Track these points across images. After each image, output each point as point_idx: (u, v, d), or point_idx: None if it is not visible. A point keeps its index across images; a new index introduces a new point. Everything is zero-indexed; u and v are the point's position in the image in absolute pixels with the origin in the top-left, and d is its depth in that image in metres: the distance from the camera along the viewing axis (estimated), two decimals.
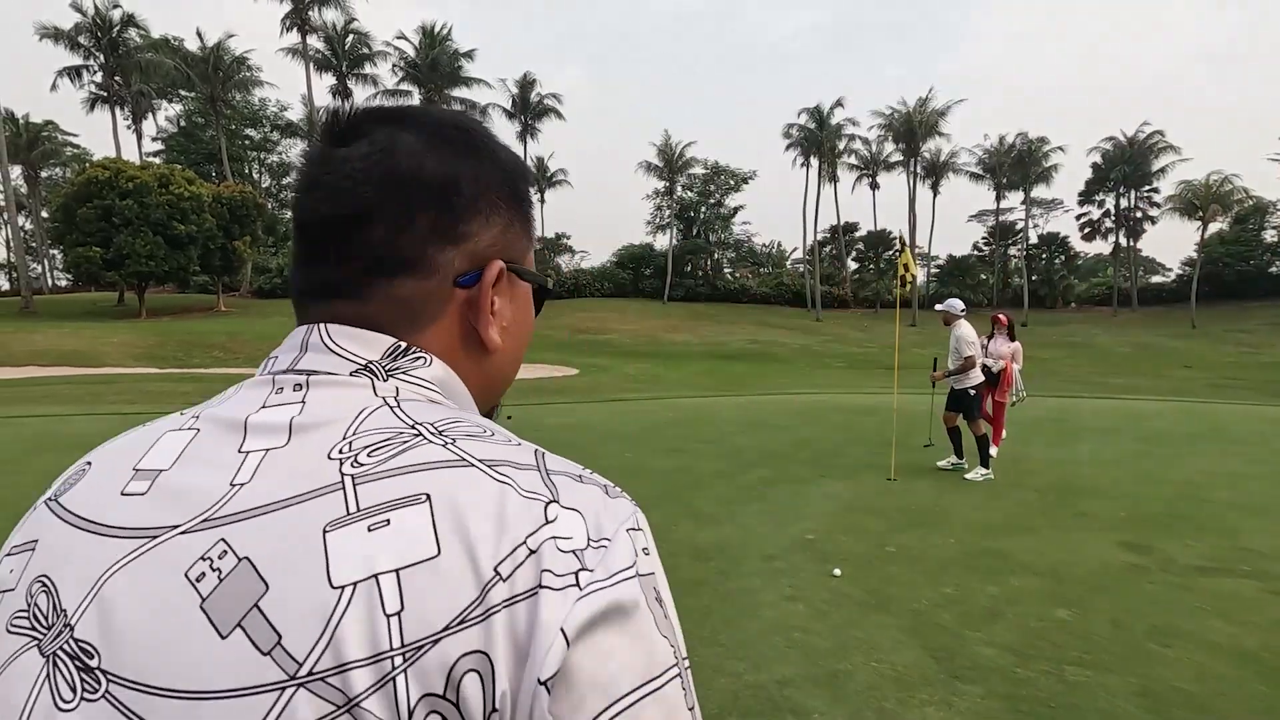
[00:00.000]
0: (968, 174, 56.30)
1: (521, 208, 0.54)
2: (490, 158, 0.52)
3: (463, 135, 0.52)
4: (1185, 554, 4.26)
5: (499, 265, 0.50)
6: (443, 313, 0.49)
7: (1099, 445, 8.34)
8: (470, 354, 0.51)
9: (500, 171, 0.53)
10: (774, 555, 4.22)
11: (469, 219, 0.50)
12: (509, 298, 0.53)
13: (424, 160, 0.48)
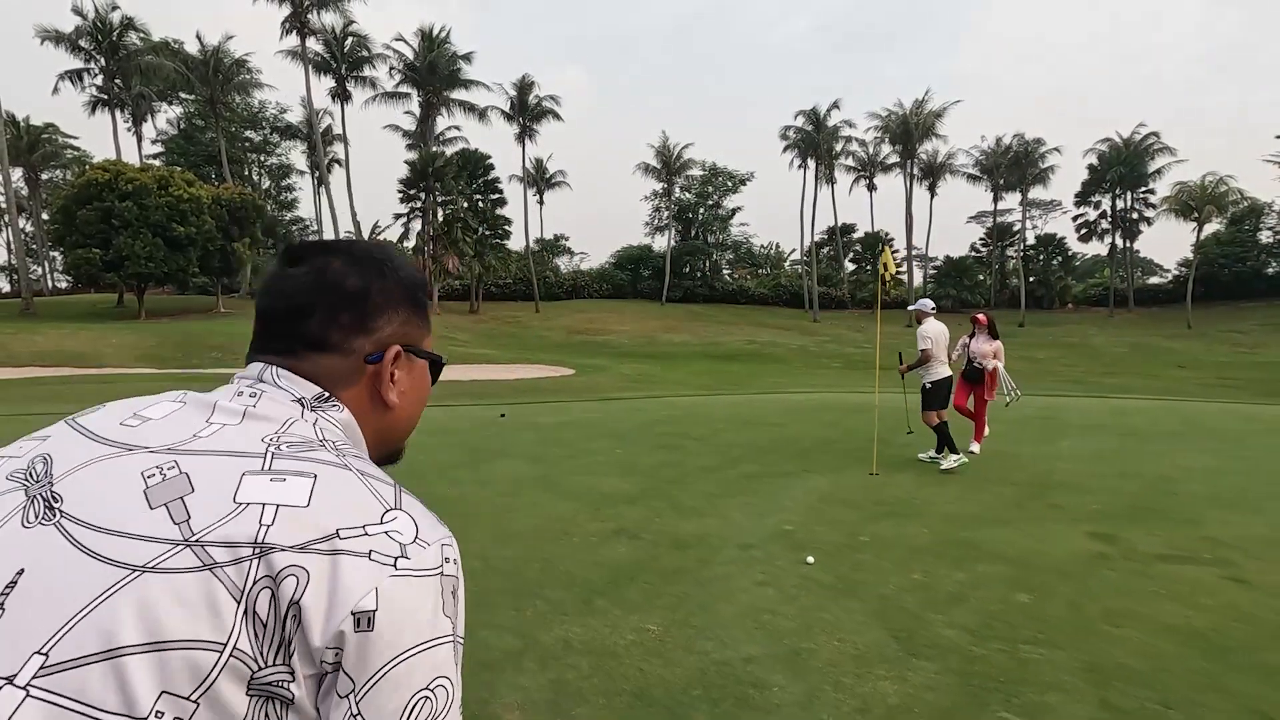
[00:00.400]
0: (965, 175, 56.57)
1: (419, 310, 0.79)
2: (395, 277, 0.76)
3: (378, 261, 0.75)
4: (1149, 543, 4.40)
5: (397, 349, 0.74)
6: (356, 380, 0.72)
7: (1081, 442, 8.48)
8: (375, 410, 0.74)
9: (403, 287, 0.77)
10: (751, 545, 4.36)
11: (377, 318, 0.73)
12: (406, 371, 0.76)
13: (347, 278, 0.72)
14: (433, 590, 0.57)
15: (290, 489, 0.57)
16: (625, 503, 5.36)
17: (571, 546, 4.32)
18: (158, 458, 0.58)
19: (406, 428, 0.80)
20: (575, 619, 3.26)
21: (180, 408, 0.65)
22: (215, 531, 0.53)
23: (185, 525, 0.53)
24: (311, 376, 0.70)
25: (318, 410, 0.69)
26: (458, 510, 5.04)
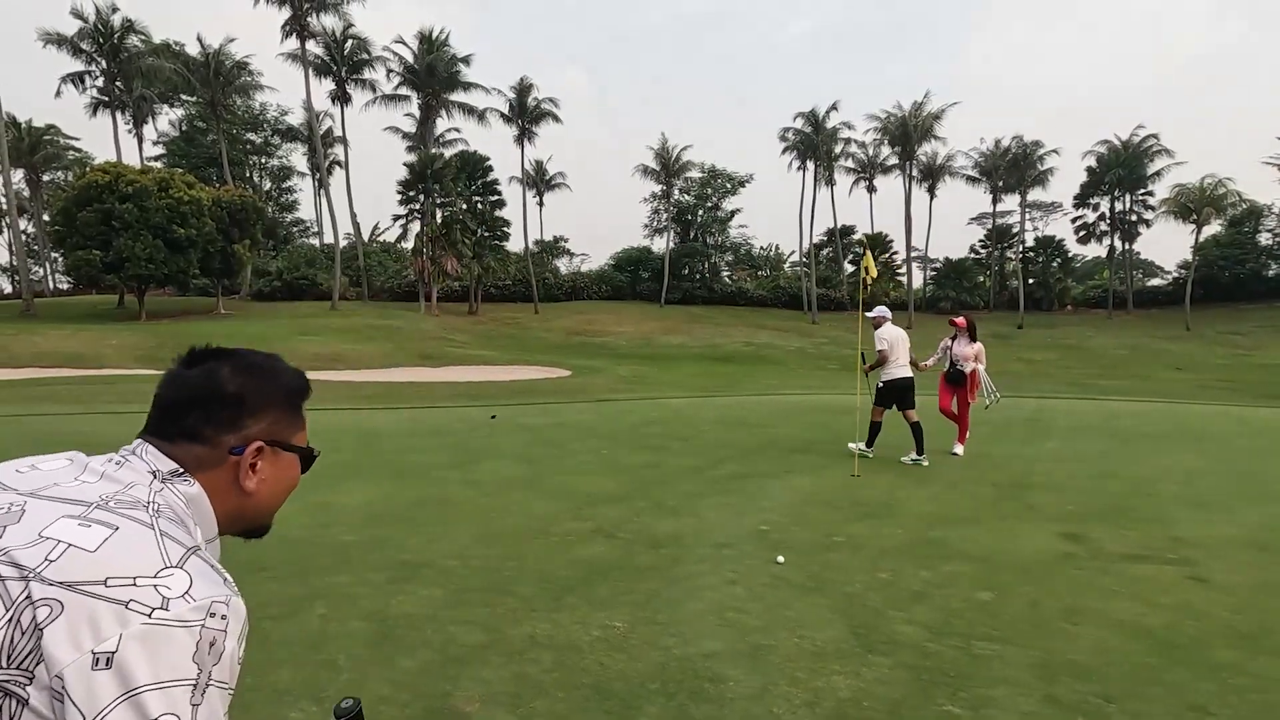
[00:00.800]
0: (964, 177, 56.56)
1: (293, 411, 0.95)
2: (273, 384, 0.93)
3: (261, 370, 0.92)
4: (1118, 543, 4.47)
5: (259, 444, 0.89)
6: (220, 466, 0.87)
7: (1066, 444, 8.55)
8: (235, 492, 0.88)
9: (282, 390, 0.93)
10: (725, 544, 4.43)
11: (247, 418, 0.88)
12: (271, 463, 0.91)
13: (228, 384, 0.88)
14: (187, 640, 0.67)
15: (88, 535, 0.69)
16: (606, 502, 5.44)
17: (549, 545, 4.40)
18: (18, 497, 0.74)
19: (267, 508, 0.95)
20: (544, 615, 3.34)
21: (65, 465, 0.81)
22: (13, 553, 0.66)
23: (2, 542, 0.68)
24: (177, 459, 0.85)
25: (166, 482, 0.82)
26: (442, 511, 5.13)
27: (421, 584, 3.69)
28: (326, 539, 4.41)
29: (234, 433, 0.88)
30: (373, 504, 5.28)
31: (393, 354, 24.75)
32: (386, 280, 48.88)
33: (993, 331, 46.88)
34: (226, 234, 32.70)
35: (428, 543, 4.38)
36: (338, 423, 9.60)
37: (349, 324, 31.51)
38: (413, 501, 5.35)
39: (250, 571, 3.82)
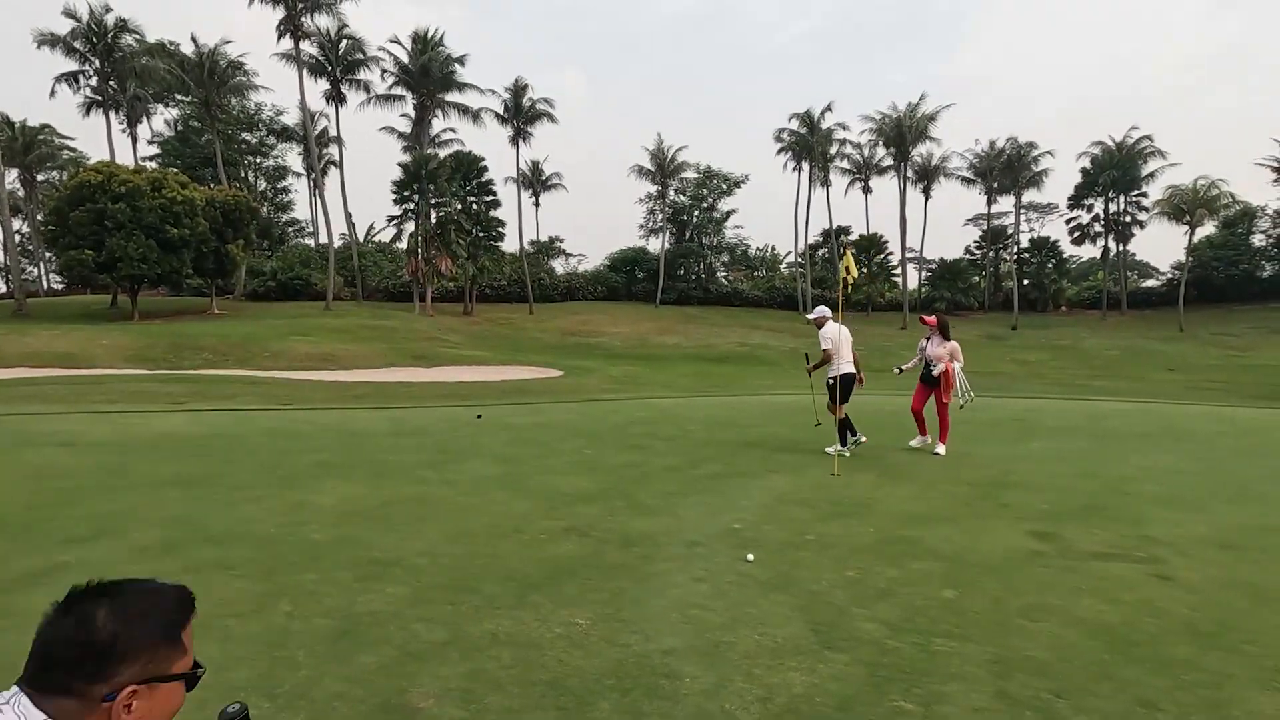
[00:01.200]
0: (959, 178, 56.71)
1: (171, 642, 0.96)
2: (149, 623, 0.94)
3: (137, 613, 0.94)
4: (1088, 541, 4.49)
5: (130, 688, 0.91)
6: (93, 713, 0.90)
7: (1049, 443, 8.58)
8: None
9: (159, 630, 0.95)
10: (697, 542, 4.44)
11: (118, 665, 0.91)
12: (148, 698, 0.93)
13: (101, 631, 0.90)
14: None
15: None
16: (583, 501, 5.44)
17: (520, 543, 4.40)
18: None
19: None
20: (507, 613, 3.34)
21: None
22: None
23: None
24: (48, 712, 0.89)
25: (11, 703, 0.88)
26: (416, 509, 5.13)
27: (388, 582, 3.69)
28: (297, 537, 4.40)
29: (104, 682, 0.91)
30: (347, 502, 5.28)
31: (386, 354, 24.73)
32: (382, 280, 48.83)
33: (987, 333, 47.03)
34: (220, 234, 32.64)
35: (399, 541, 4.38)
36: (322, 421, 9.59)
37: (342, 324, 31.46)
38: (388, 500, 5.35)
39: (217, 570, 3.83)
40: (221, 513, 4.90)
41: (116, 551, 4.15)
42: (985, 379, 28.18)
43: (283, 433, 8.47)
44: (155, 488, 5.56)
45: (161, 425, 8.79)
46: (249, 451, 7.16)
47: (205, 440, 7.79)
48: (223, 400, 12.20)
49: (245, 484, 5.75)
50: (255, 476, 6.04)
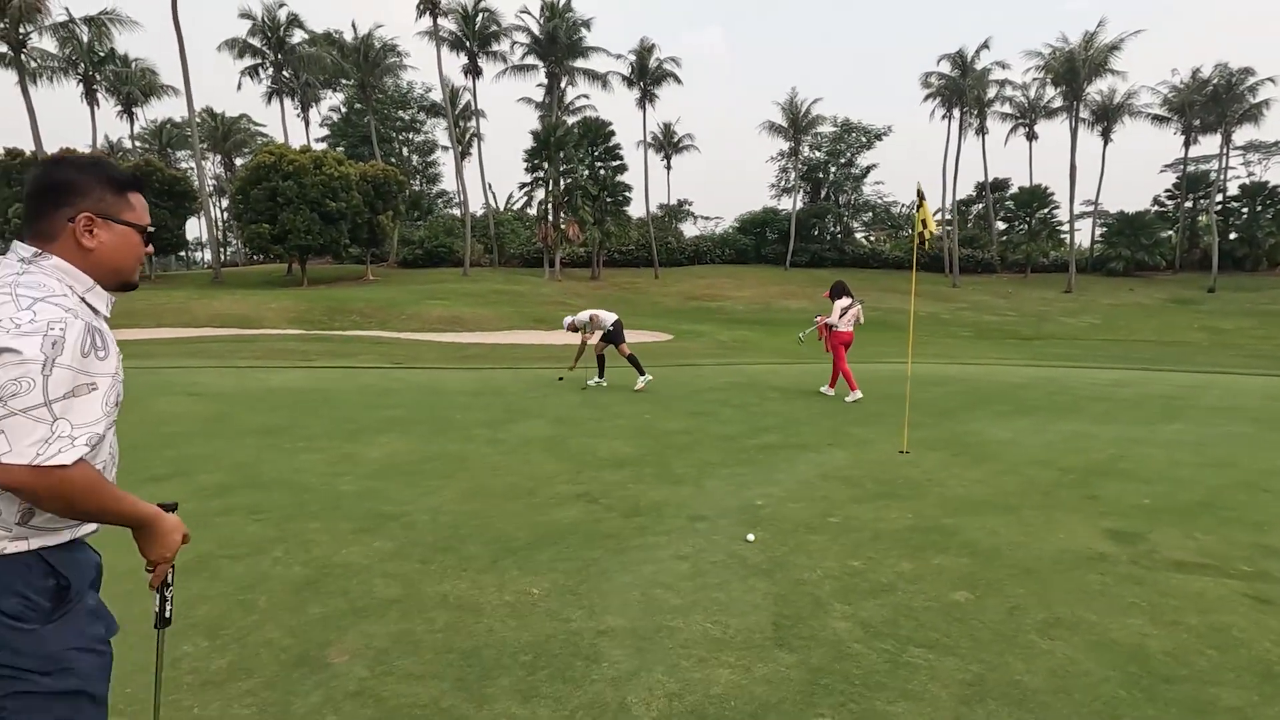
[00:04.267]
0: (1148, 116, 48.94)
1: (119, 193, 1.35)
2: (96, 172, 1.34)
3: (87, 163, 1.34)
4: (1179, 547, 3.70)
5: (86, 214, 1.30)
6: (61, 235, 1.29)
7: (1194, 427, 7.23)
8: (80, 252, 1.30)
9: (105, 178, 1.34)
10: (704, 517, 4.19)
11: (74, 196, 1.30)
12: (106, 230, 1.32)
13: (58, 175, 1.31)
14: (35, 338, 1.14)
15: None
16: (613, 467, 5.33)
17: (527, 506, 4.39)
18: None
19: (115, 264, 1.35)
20: (471, 575, 3.32)
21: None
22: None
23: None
24: (33, 243, 1.29)
25: (29, 263, 1.27)
26: (449, 466, 5.27)
27: (379, 536, 3.81)
28: (329, 488, 4.68)
29: (69, 206, 1.30)
30: (392, 456, 5.54)
31: (510, 317, 25.93)
32: (518, 247, 51.10)
33: (1174, 296, 40.82)
34: (372, 206, 35.59)
35: (415, 496, 4.52)
36: (415, 380, 10.20)
37: (476, 289, 33.37)
38: (429, 456, 5.55)
39: (245, 514, 4.15)
40: (279, 461, 5.33)
41: (180, 491, 4.62)
42: (1157, 350, 24.49)
43: (374, 389, 9.11)
44: (240, 435, 6.17)
45: (278, 379, 9.78)
46: (335, 406, 7.76)
47: (304, 394, 8.55)
48: (346, 358, 13.38)
49: (316, 435, 6.23)
50: (328, 428, 6.52)
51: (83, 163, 1.35)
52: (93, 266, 1.31)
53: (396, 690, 2.37)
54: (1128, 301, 39.94)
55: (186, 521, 1.48)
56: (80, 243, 1.29)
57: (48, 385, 1.14)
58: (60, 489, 1.15)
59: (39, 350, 1.13)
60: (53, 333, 1.16)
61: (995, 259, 52.09)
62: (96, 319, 1.26)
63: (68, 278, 1.28)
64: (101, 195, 1.33)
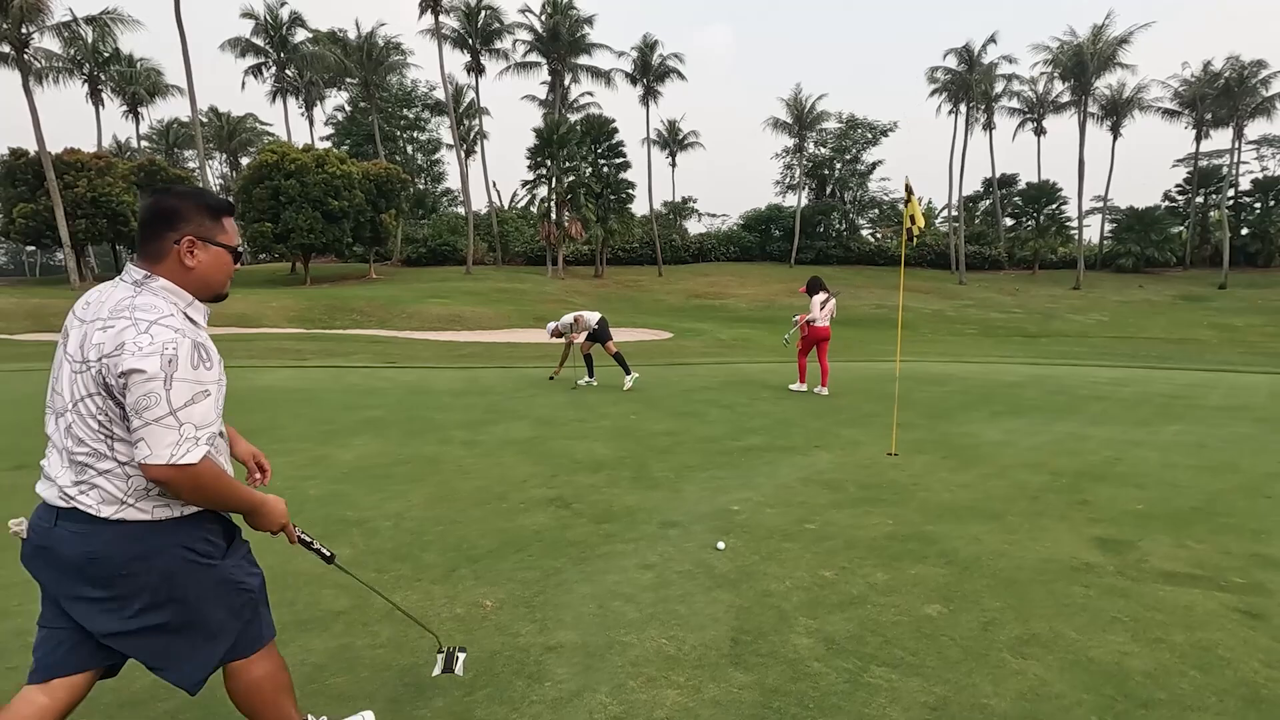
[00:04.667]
0: (1159, 111, 48.39)
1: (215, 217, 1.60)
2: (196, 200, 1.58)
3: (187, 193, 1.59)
4: (1169, 557, 3.53)
5: (188, 237, 1.54)
6: (168, 256, 1.54)
7: (1194, 427, 7.02)
8: (183, 270, 1.54)
9: (204, 205, 1.58)
10: (676, 524, 4.04)
11: (179, 221, 1.54)
12: (204, 250, 1.56)
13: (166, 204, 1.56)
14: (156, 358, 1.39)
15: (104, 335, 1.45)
16: (589, 470, 5.19)
17: (494, 512, 4.25)
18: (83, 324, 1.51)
19: (211, 280, 1.60)
20: (425, 585, 3.20)
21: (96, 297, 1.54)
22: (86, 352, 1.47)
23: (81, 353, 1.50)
24: (145, 267, 1.54)
25: (142, 285, 1.51)
26: (419, 470, 5.15)
27: (338, 543, 3.68)
28: (293, 492, 4.55)
29: (174, 230, 1.54)
30: (363, 459, 5.42)
31: (511, 316, 25.83)
32: (523, 245, 51.00)
33: (1184, 292, 40.33)
34: (374, 204, 35.55)
35: (380, 501, 4.40)
36: (403, 380, 10.09)
37: (478, 287, 33.29)
38: (400, 459, 5.43)
39: None
40: None
41: None
42: (1165, 347, 24.14)
43: (360, 389, 9.01)
44: None
45: (266, 379, 9.69)
46: (317, 406, 7.65)
47: (289, 393, 8.45)
48: (339, 358, 13.29)
49: (290, 437, 6.12)
50: (304, 430, 6.41)
51: (185, 192, 1.60)
52: (192, 283, 1.57)
53: (324, 711, 2.24)
54: (1137, 298, 39.48)
55: None
56: (183, 262, 1.55)
57: (170, 397, 1.41)
58: (193, 481, 1.46)
59: (159, 368, 1.40)
60: (168, 351, 1.41)
61: (1002, 256, 51.64)
62: (199, 332, 1.52)
63: (173, 296, 1.53)
64: (201, 220, 1.58)
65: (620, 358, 9.37)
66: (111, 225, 33.49)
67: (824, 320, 8.97)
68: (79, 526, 1.48)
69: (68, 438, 1.48)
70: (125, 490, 1.49)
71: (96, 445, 1.47)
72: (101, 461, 1.47)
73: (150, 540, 1.51)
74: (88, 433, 1.46)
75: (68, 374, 1.49)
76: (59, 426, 1.50)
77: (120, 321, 1.43)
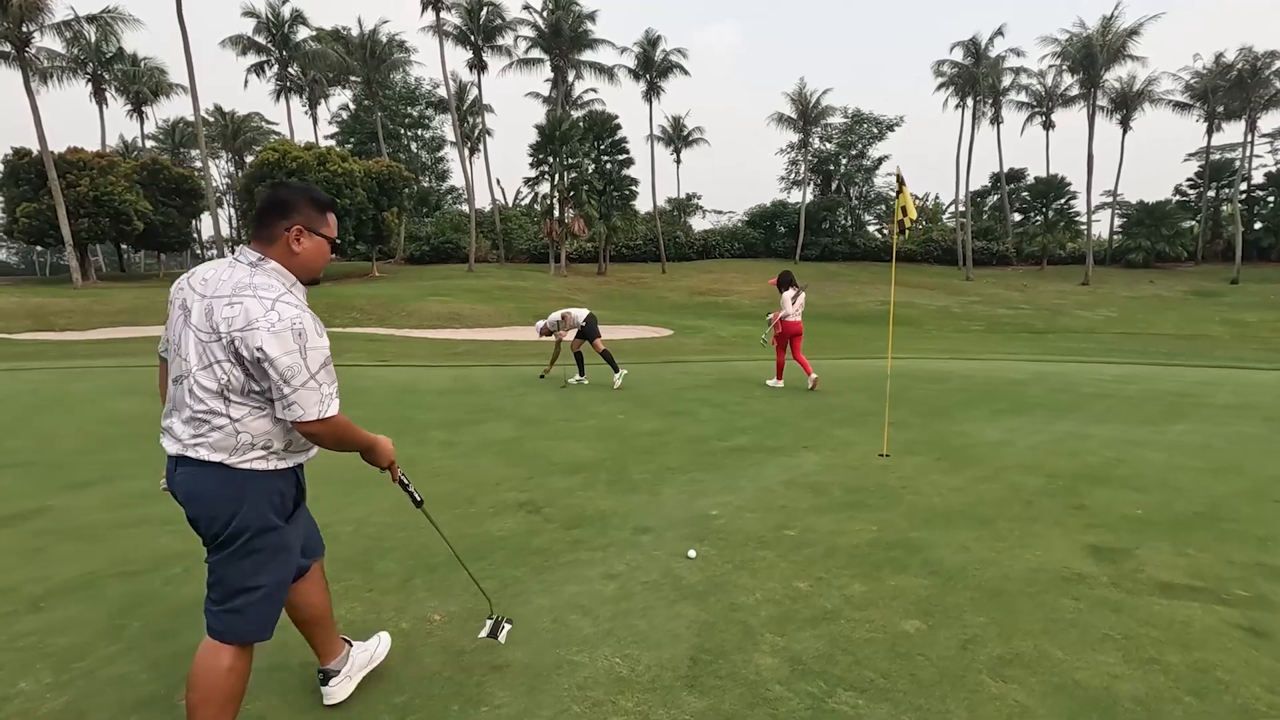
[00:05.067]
0: (1170, 103, 47.79)
1: (319, 211, 1.93)
2: (304, 195, 1.91)
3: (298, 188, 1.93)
4: (1167, 566, 3.32)
5: (297, 226, 1.86)
6: (279, 240, 1.86)
7: (1201, 426, 6.78)
8: (290, 255, 1.88)
9: (311, 200, 1.91)
10: (649, 529, 3.86)
11: (290, 213, 1.87)
12: (309, 239, 1.89)
13: (282, 195, 1.91)
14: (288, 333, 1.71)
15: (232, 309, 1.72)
16: (566, 473, 5.02)
17: (461, 517, 4.09)
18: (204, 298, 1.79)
19: (311, 265, 1.89)
20: (374, 597, 3.03)
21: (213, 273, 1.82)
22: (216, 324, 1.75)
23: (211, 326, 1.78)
24: (260, 250, 1.82)
25: (258, 266, 1.79)
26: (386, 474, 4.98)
27: None
28: None
29: (285, 218, 1.84)
30: (332, 462, 5.22)
31: (510, 314, 25.67)
32: (526, 243, 50.87)
33: (1195, 288, 39.79)
34: (376, 203, 35.48)
35: (343, 506, 4.24)
36: (391, 379, 9.94)
37: (479, 285, 33.16)
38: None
39: (157, 525, 3.89)
40: None
41: (97, 499, 4.38)
42: (1175, 343, 23.74)
43: (345, 389, 8.85)
44: None
45: None
46: None
47: None
48: (335, 356, 13.15)
49: None
50: None
51: (297, 187, 1.91)
52: (296, 266, 1.87)
53: None
54: (1147, 294, 38.97)
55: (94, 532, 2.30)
56: (291, 247, 1.85)
57: (308, 364, 1.73)
58: (334, 431, 1.83)
59: (293, 342, 1.70)
60: (297, 326, 1.72)
61: (1010, 251, 51.14)
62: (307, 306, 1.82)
63: (281, 277, 1.82)
64: (308, 212, 1.88)
65: (608, 355, 9.19)
66: (114, 224, 33.53)
67: (795, 315, 9.03)
68: (191, 470, 1.80)
69: (189, 398, 1.76)
70: (232, 444, 1.78)
71: (213, 404, 1.75)
72: (215, 419, 1.76)
73: (254, 486, 1.82)
74: (206, 394, 1.75)
75: (194, 342, 1.76)
76: (181, 388, 1.79)
77: (245, 299, 1.71)
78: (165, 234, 37.65)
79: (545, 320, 9.32)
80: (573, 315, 9.14)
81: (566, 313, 9.18)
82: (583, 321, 9.13)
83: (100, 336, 19.36)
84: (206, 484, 1.79)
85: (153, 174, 35.85)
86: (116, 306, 23.62)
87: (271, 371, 1.69)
